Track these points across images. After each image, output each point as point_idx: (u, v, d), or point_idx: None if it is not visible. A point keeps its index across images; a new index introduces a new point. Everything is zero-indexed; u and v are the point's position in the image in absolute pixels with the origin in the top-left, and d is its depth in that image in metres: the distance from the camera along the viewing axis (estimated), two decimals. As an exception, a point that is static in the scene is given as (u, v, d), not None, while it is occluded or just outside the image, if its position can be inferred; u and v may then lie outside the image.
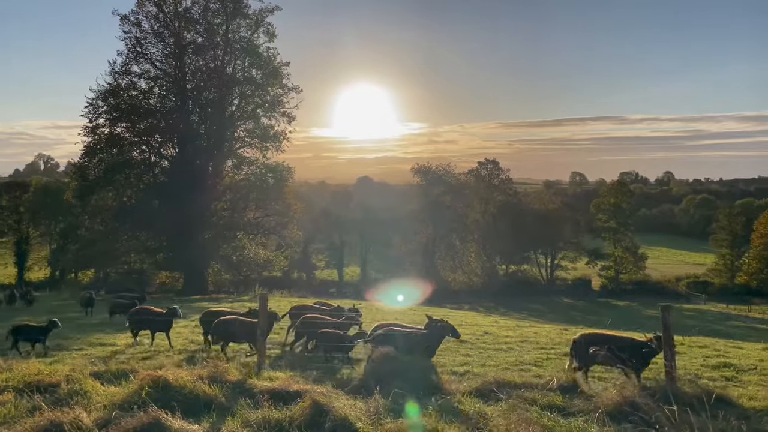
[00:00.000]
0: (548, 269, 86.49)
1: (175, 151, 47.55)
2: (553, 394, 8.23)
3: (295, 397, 7.64)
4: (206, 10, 47.08)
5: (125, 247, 49.01)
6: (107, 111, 45.39)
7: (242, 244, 48.78)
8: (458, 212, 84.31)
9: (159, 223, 45.62)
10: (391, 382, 8.52)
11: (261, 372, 9.58)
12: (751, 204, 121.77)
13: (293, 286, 56.45)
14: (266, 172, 48.79)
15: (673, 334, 9.33)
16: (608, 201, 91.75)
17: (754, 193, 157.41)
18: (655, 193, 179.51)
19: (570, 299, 75.42)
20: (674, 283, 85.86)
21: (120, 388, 7.83)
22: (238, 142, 49.28)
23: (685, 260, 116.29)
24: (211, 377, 8.07)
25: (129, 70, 46.25)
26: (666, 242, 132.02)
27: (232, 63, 48.39)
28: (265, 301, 10.23)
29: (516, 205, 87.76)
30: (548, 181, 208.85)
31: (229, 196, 49.55)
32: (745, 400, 8.65)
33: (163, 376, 7.68)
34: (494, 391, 8.33)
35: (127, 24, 45.73)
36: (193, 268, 46.70)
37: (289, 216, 50.45)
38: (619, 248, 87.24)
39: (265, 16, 47.97)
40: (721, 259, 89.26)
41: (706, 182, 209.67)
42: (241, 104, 48.79)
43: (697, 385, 8.93)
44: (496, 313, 52.81)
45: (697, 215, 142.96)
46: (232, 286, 54.68)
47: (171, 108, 46.97)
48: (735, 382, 10.89)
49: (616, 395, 7.60)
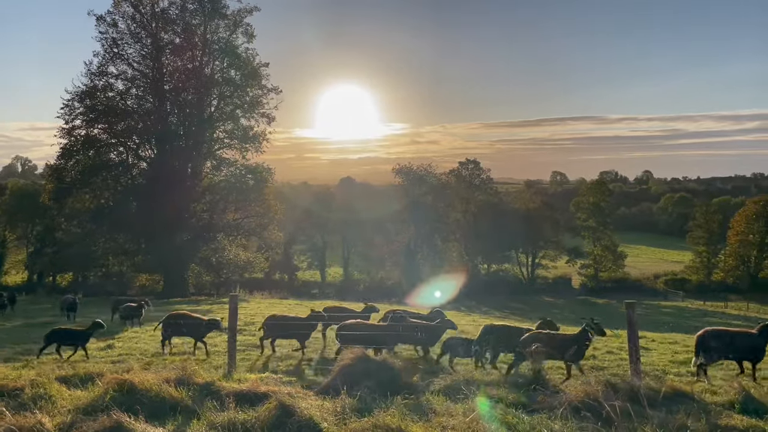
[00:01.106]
0: (529, 268, 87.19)
1: (153, 153, 47.20)
2: (519, 391, 8.33)
3: (263, 398, 7.64)
4: (184, 10, 46.78)
5: (103, 250, 48.58)
6: (84, 112, 44.92)
7: (222, 246, 48.52)
8: (440, 212, 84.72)
9: (137, 225, 45.28)
10: (361, 382, 8.56)
11: (231, 374, 9.58)
12: (727, 202, 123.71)
13: (275, 287, 56.19)
14: (246, 173, 48.59)
15: (637, 331, 9.49)
16: (588, 200, 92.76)
17: (730, 192, 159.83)
18: (635, 192, 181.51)
19: (551, 297, 76.15)
20: (653, 280, 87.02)
21: (85, 392, 7.78)
22: (217, 143, 49.02)
23: (663, 258, 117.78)
24: (178, 380, 8.04)
25: (105, 71, 45.86)
26: (645, 240, 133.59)
27: (210, 64, 48.14)
28: (235, 302, 10.22)
29: (497, 204, 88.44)
30: (529, 180, 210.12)
31: (209, 198, 49.25)
32: (708, 395, 8.83)
33: (128, 380, 7.64)
34: (462, 390, 8.40)
35: (103, 24, 45.34)
36: (172, 270, 46.36)
37: (269, 217, 50.26)
38: (599, 247, 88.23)
39: (243, 17, 47.86)
40: (698, 257, 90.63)
41: (684, 181, 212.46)
42: (220, 105, 48.53)
43: (661, 380, 9.08)
44: (477, 312, 53.09)
45: (675, 213, 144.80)
46: (213, 288, 54.34)
47: (149, 109, 46.59)
48: (701, 377, 11.08)
49: (580, 391, 7.70)
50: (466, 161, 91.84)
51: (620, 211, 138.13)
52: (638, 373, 9.13)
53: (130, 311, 21.02)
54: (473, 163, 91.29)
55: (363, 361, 9.48)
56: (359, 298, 56.75)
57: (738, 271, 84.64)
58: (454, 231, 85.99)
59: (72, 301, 25.57)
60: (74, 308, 24.96)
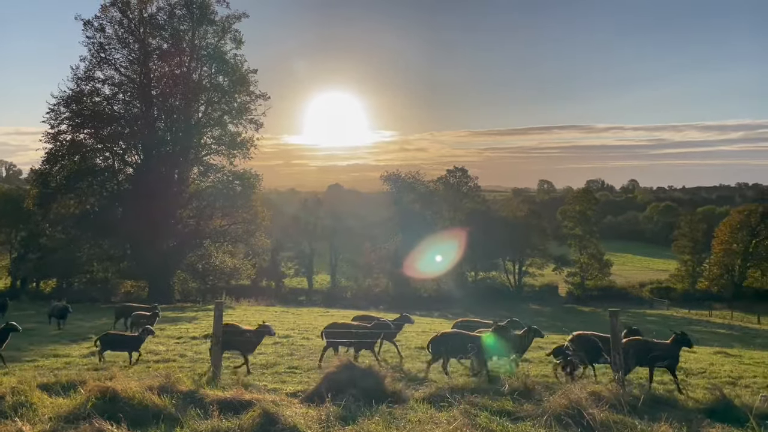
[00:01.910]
0: (516, 276, 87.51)
1: (140, 158, 46.87)
2: (504, 399, 8.36)
3: (247, 406, 7.62)
4: (172, 16, 46.59)
5: (88, 256, 48.12)
6: (70, 117, 44.49)
7: (208, 253, 48.24)
8: (427, 219, 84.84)
9: (122, 231, 44.88)
10: (346, 390, 8.57)
11: (215, 382, 9.53)
12: (712, 211, 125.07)
13: (261, 294, 55.87)
14: (233, 179, 48.36)
15: (621, 339, 9.56)
16: (574, 208, 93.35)
17: (715, 201, 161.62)
18: (621, 201, 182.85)
19: (537, 305, 76.39)
20: (638, 288, 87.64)
21: (67, 399, 7.71)
22: (204, 149, 48.79)
23: (649, 266, 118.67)
24: (161, 387, 8.00)
25: (92, 75, 45.45)
26: (631, 249, 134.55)
27: (198, 69, 47.96)
28: (220, 309, 10.18)
29: (484, 212, 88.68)
30: (516, 188, 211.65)
31: (195, 204, 48.96)
32: (690, 403, 8.91)
33: (111, 387, 7.59)
34: (447, 397, 8.42)
35: (90, 29, 44.99)
36: (158, 277, 45.98)
37: (256, 224, 50.01)
38: (585, 255, 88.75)
39: (232, 23, 47.73)
40: (683, 266, 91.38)
41: (670, 190, 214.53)
42: (207, 111, 48.34)
43: (644, 388, 9.17)
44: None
45: (660, 222, 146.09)
46: (199, 295, 53.95)
47: (135, 114, 46.29)
48: (683, 385, 11.18)
49: (564, 399, 7.75)
50: (453, 169, 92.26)
51: (606, 219, 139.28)
52: (621, 382, 9.20)
53: (142, 320, 19.52)
54: (461, 171, 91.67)
55: (348, 368, 9.47)
56: (346, 305, 56.84)
57: (722, 280, 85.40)
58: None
59: (62, 308, 24.35)
60: (65, 316, 23.84)
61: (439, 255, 68.00)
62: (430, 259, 69.11)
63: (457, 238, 73.53)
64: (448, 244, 71.33)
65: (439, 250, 69.68)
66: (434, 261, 68.55)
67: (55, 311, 24.50)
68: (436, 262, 68.63)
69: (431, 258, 68.94)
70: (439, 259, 68.15)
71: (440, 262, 68.39)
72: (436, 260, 68.34)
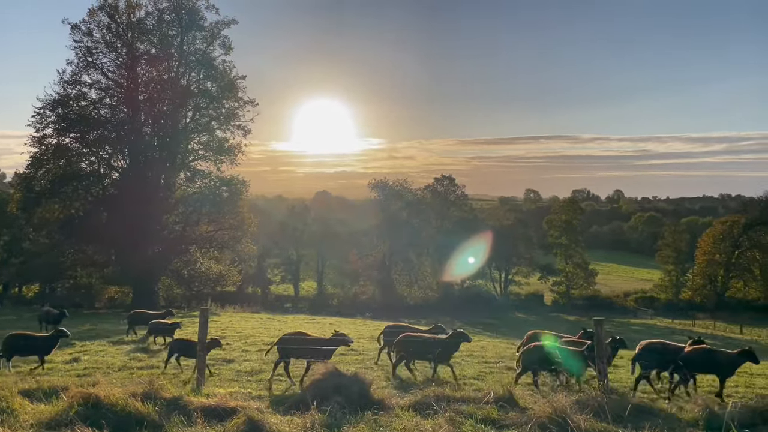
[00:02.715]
0: (502, 284, 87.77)
1: (126, 163, 46.52)
2: (489, 407, 8.38)
3: (232, 414, 7.58)
4: (161, 21, 46.43)
5: (71, 261, 47.60)
6: (55, 121, 44.06)
7: (194, 259, 47.89)
8: (415, 227, 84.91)
9: (107, 237, 44.43)
10: (331, 397, 8.54)
11: (200, 389, 9.47)
12: (695, 222, 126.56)
13: (247, 301, 55.60)
14: (220, 185, 48.12)
15: (605, 348, 9.63)
16: (560, 218, 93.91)
17: (698, 212, 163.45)
18: (606, 211, 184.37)
19: (523, 314, 76.62)
20: (623, 298, 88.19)
21: (49, 406, 7.63)
22: (191, 154, 48.54)
23: (633, 276, 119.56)
24: (145, 394, 7.93)
25: (79, 79, 45.06)
26: (616, 258, 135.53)
27: (186, 75, 47.80)
28: (206, 316, 10.13)
29: (471, 221, 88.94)
30: (503, 197, 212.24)
31: (181, 209, 48.64)
32: (675, 411, 8.98)
33: (94, 394, 7.51)
34: (432, 405, 8.43)
35: (77, 33, 44.67)
36: (142, 283, 45.56)
37: (243, 230, 49.77)
38: (570, 264, 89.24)
39: (221, 29, 47.62)
40: (667, 275, 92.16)
41: (654, 200, 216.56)
42: (195, 116, 48.15)
43: (628, 397, 9.23)
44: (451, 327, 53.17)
45: (645, 232, 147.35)
46: (184, 301, 53.57)
47: (122, 119, 45.98)
48: (667, 394, 11.27)
49: (548, 407, 7.79)
50: (441, 177, 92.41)
51: (592, 229, 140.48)
52: (606, 390, 9.26)
53: (160, 328, 18.61)
54: (448, 180, 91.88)
55: (334, 375, 9.45)
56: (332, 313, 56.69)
57: (705, 290, 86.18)
58: (428, 246, 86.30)
59: (58, 314, 23.12)
60: (59, 321, 22.69)
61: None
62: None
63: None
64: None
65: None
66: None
67: (49, 317, 23.46)
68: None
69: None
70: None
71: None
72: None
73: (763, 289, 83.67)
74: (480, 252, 77.88)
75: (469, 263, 74.48)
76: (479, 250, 77.76)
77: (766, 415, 8.22)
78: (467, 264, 76.07)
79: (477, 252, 77.50)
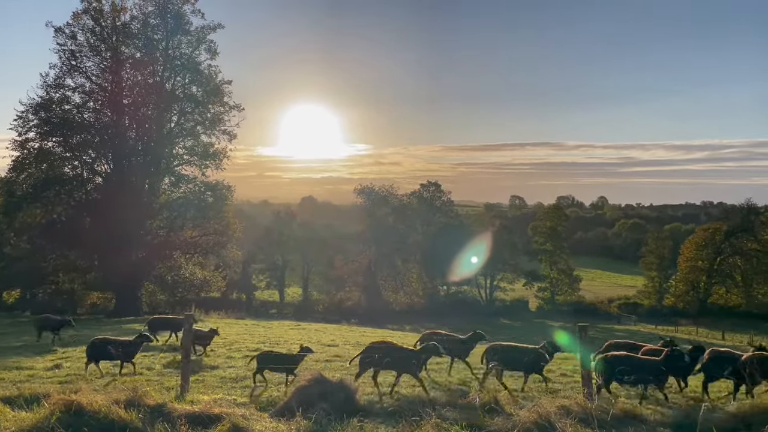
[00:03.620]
0: (487, 290, 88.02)
1: (110, 168, 46.11)
2: (474, 412, 8.40)
3: (216, 421, 7.53)
4: (146, 25, 46.17)
5: (53, 266, 47.08)
6: (38, 125, 43.59)
7: (178, 264, 47.52)
8: (401, 233, 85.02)
9: (90, 242, 43.98)
10: (317, 403, 8.51)
11: (184, 395, 9.39)
12: (678, 229, 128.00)
13: (232, 307, 55.21)
14: (205, 190, 47.88)
15: (590, 354, 9.69)
16: (545, 224, 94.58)
17: (681, 219, 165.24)
18: (590, 217, 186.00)
19: (508, 320, 76.90)
20: (607, 304, 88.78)
21: (30, 413, 7.52)
22: (176, 159, 48.27)
23: (617, 282, 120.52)
24: (128, 401, 7.85)
25: (62, 83, 44.60)
26: (600, 265, 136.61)
27: (171, 79, 47.57)
28: (190, 322, 10.05)
29: (457, 227, 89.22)
30: (489, 203, 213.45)
31: (166, 215, 48.33)
32: (657, 417, 9.06)
33: (76, 401, 7.42)
34: (418, 411, 8.42)
35: (61, 36, 44.24)
36: (125, 289, 45.13)
37: (228, 235, 49.53)
38: (555, 270, 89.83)
39: (207, 34, 47.45)
40: (650, 282, 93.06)
41: (638, 207, 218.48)
42: (180, 121, 47.91)
43: (612, 403, 9.28)
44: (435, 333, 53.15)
45: (629, 239, 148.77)
46: (168, 307, 53.11)
47: (106, 123, 45.58)
48: (649, 400, 11.35)
49: (533, 413, 7.82)
50: (427, 183, 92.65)
51: (576, 235, 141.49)
52: (590, 396, 9.31)
53: (200, 335, 17.02)
54: (434, 186, 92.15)
55: (319, 382, 9.42)
56: (318, 319, 56.47)
57: (688, 296, 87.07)
58: (414, 252, 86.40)
59: (58, 321, 21.53)
60: (58, 330, 21.37)
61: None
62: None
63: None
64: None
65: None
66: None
67: (48, 324, 21.95)
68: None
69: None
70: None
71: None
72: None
73: (744, 295, 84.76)
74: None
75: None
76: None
77: (747, 420, 8.32)
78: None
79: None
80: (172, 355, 16.17)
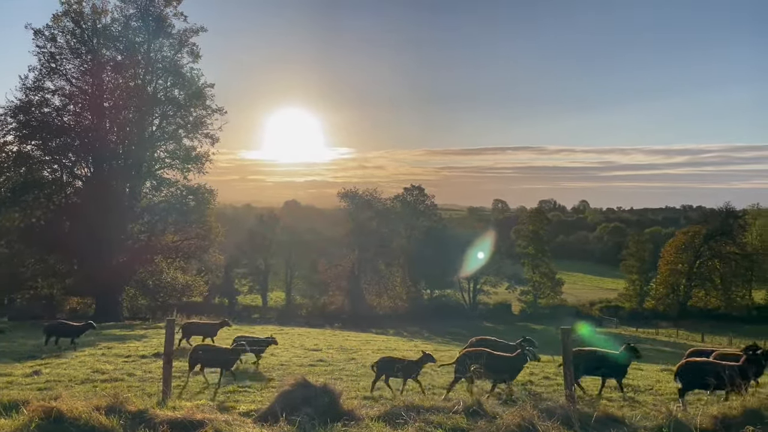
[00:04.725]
0: (471, 294, 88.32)
1: (90, 171, 45.58)
2: (458, 416, 8.41)
3: (199, 426, 7.45)
4: (127, 27, 45.77)
5: (32, 271, 46.30)
6: (17, 128, 43.01)
7: (159, 269, 47.05)
8: (384, 237, 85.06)
9: (70, 246, 43.38)
10: (301, 408, 8.47)
11: (166, 401, 9.29)
12: (658, 232, 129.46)
13: (214, 312, 54.87)
14: (187, 194, 47.49)
15: (571, 356, 9.76)
16: (527, 228, 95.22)
17: (661, 222, 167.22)
18: (572, 221, 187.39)
19: (491, 323, 77.23)
20: (588, 307, 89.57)
21: (9, 420, 7.39)
22: (157, 163, 47.84)
23: (599, 285, 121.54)
24: (109, 408, 7.75)
25: (42, 86, 44.01)
26: (581, 268, 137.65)
27: (153, 82, 47.17)
28: (172, 327, 9.96)
29: (441, 230, 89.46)
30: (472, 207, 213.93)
31: (147, 219, 47.87)
32: (640, 420, 9.13)
33: (56, 407, 7.31)
34: (402, 415, 8.42)
35: (41, 39, 43.65)
36: (106, 294, 44.55)
37: (210, 239, 49.15)
38: (537, 273, 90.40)
39: (189, 37, 47.14)
40: (631, 285, 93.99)
41: (619, 211, 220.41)
42: (162, 124, 47.52)
43: (594, 405, 9.36)
44: (419, 337, 53.35)
45: (610, 242, 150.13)
46: (149, 312, 52.56)
47: (86, 126, 45.06)
48: (632, 402, 11.47)
49: (516, 416, 7.85)
50: (411, 187, 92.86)
51: (558, 239, 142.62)
52: (572, 398, 9.38)
53: (253, 342, 15.98)
54: (418, 189, 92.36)
55: (303, 386, 9.37)
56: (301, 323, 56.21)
57: (668, 299, 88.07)
58: (398, 256, 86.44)
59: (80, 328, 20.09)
60: (77, 336, 20.23)
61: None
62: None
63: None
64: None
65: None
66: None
67: (61, 330, 20.47)
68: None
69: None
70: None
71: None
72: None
73: (723, 298, 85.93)
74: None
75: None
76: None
77: (727, 422, 8.43)
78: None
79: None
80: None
